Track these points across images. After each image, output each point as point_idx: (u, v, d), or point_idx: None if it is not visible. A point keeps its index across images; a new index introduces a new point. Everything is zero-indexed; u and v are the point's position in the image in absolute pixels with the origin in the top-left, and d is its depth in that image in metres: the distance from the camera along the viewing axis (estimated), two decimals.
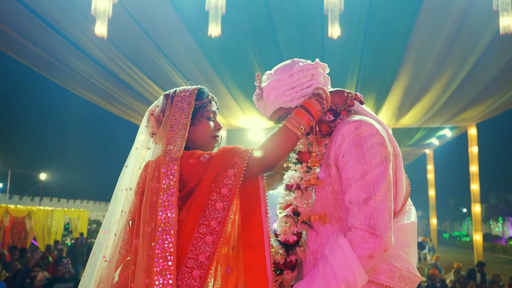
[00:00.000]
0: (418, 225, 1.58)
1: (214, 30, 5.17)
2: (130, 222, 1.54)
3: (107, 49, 7.63)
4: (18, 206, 13.14)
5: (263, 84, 1.62)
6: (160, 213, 1.39)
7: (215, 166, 1.43)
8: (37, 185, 27.55)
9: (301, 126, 1.47)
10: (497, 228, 39.91)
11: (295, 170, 1.62)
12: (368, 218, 1.32)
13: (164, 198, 1.40)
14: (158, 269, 1.34)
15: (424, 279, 9.74)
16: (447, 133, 14.76)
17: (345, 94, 1.53)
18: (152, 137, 1.62)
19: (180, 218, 1.41)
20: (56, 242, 12.32)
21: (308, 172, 1.57)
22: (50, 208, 13.83)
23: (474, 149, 12.92)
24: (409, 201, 1.59)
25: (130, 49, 7.81)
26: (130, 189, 1.59)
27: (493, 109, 11.03)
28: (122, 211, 1.58)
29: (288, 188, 1.63)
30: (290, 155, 1.66)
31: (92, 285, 1.53)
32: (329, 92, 1.53)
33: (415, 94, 9.51)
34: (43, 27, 6.93)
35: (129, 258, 1.49)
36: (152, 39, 7.32)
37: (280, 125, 1.53)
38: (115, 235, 1.56)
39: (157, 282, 1.32)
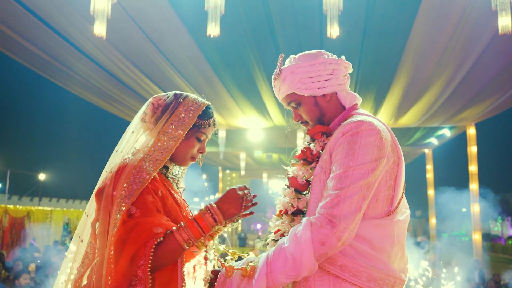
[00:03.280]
0: (417, 225, 1.57)
1: (213, 30, 5.16)
2: (97, 223, 1.52)
3: (106, 49, 7.62)
4: (17, 206, 13.11)
5: (284, 66, 1.63)
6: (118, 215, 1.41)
7: (132, 244, 1.38)
8: (36, 185, 27.50)
9: (190, 240, 1.42)
10: (496, 227, 39.92)
11: (285, 196, 1.62)
12: (333, 206, 1.35)
13: (121, 201, 1.42)
14: None
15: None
16: (446, 132, 14.74)
17: (240, 200, 1.47)
18: (140, 121, 1.63)
19: None
20: (55, 242, 12.30)
21: (300, 198, 1.57)
22: (49, 208, 13.80)
23: (473, 149, 12.91)
24: (405, 204, 1.59)
25: (129, 49, 7.80)
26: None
27: (492, 109, 11.03)
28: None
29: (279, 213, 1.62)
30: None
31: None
32: (220, 203, 1.47)
33: (414, 93, 9.51)
34: (41, 27, 6.92)
35: (96, 261, 1.49)
36: (151, 39, 7.31)
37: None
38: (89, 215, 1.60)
39: None
